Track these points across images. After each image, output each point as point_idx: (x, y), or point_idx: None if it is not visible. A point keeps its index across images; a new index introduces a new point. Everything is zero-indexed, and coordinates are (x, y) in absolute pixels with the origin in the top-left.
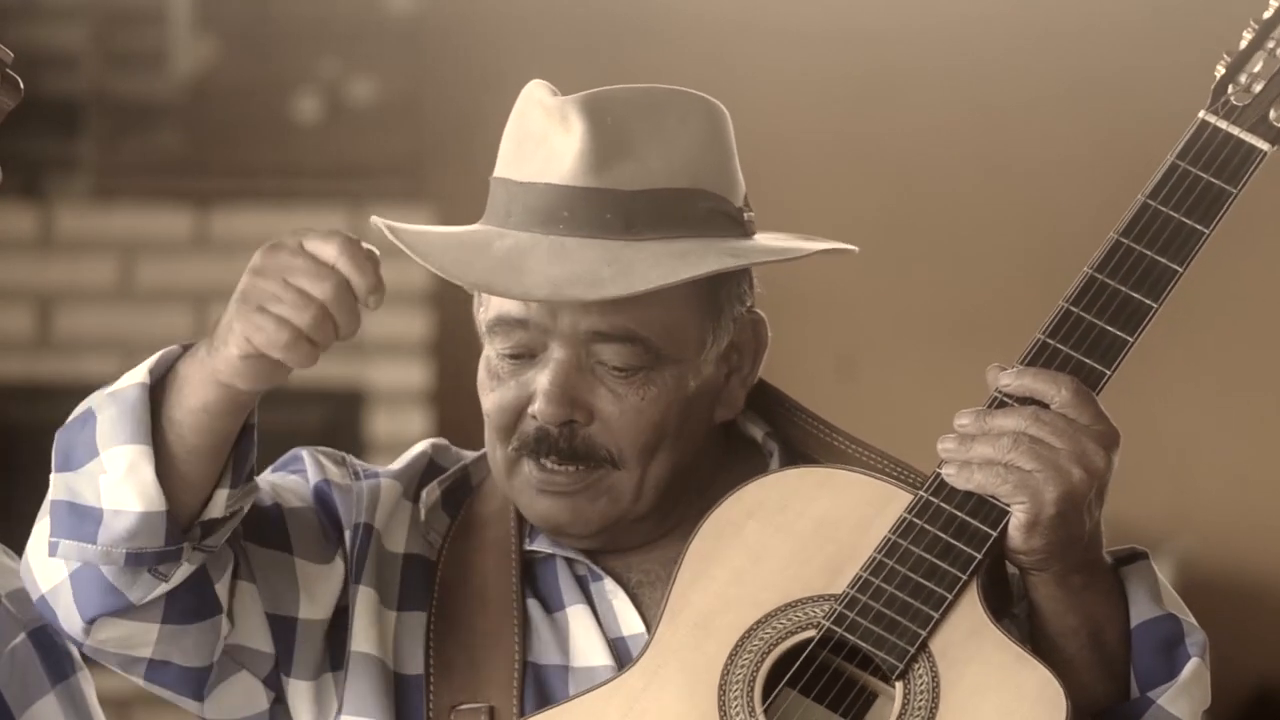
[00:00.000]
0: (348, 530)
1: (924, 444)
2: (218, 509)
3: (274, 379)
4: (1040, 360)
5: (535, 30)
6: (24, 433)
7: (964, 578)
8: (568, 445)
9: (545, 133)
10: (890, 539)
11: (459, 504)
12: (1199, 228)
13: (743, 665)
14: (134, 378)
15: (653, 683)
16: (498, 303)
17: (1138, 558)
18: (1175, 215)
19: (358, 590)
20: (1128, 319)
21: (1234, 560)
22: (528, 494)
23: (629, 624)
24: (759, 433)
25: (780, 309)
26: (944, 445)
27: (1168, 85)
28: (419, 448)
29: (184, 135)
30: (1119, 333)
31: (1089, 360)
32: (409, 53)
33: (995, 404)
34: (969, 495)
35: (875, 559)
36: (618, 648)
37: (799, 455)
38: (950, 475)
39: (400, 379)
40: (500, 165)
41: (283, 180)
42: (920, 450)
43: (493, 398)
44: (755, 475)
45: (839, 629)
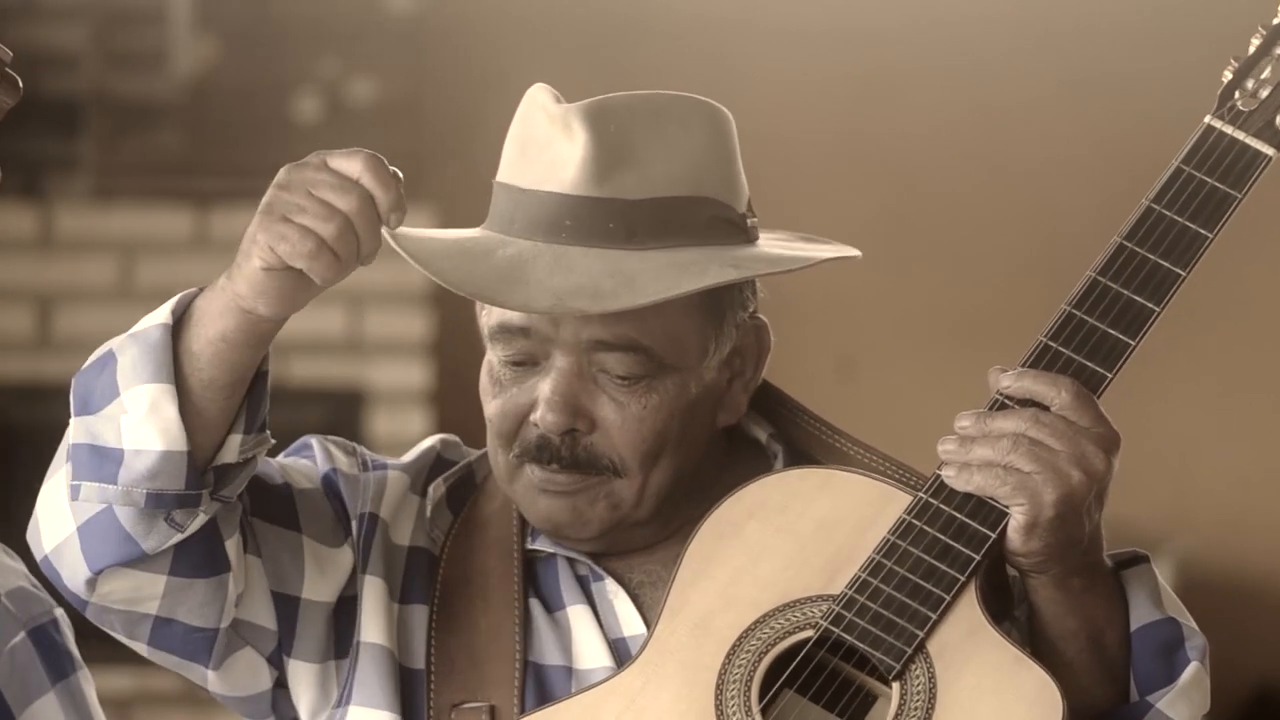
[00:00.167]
0: (354, 520)
1: (924, 444)
2: (231, 453)
3: (295, 300)
4: (1042, 363)
5: (535, 30)
6: (24, 433)
7: (962, 579)
8: (569, 453)
9: (549, 139)
10: (889, 540)
11: (463, 501)
12: (1203, 232)
13: (740, 665)
14: (155, 319)
15: (650, 682)
16: (500, 310)
17: (1138, 561)
18: (1179, 219)
19: (365, 580)
20: (1130, 322)
21: (1234, 560)
22: (529, 495)
23: (630, 624)
24: (763, 434)
25: (780, 309)
26: (944, 447)
27: (1168, 85)
28: (428, 442)
29: (184, 135)
30: (1121, 336)
31: (1090, 363)
32: (409, 53)
33: (996, 406)
34: (968, 497)
35: (874, 560)
36: (618, 648)
37: (802, 456)
38: (950, 477)
39: (400, 379)
40: (503, 169)
41: None
42: (920, 451)
43: (495, 404)
44: (757, 476)
45: (836, 629)
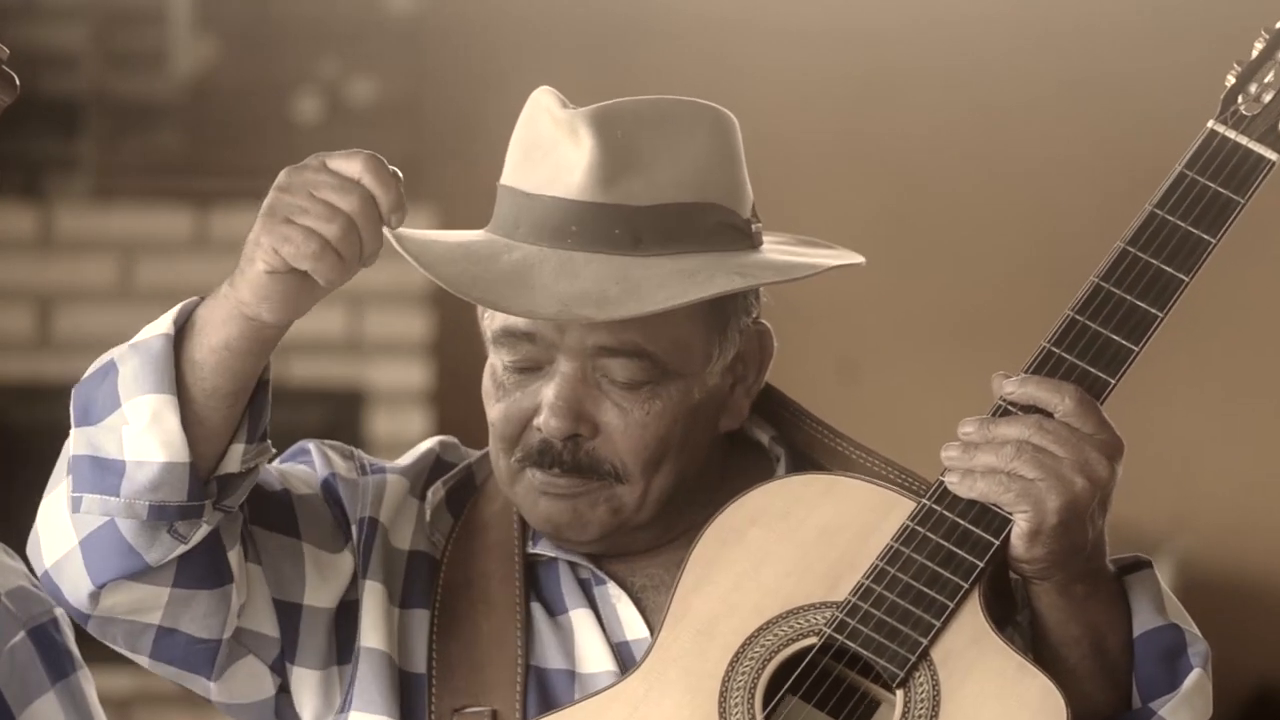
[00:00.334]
0: (354, 524)
1: (926, 446)
2: (234, 463)
3: (299, 304)
4: (1045, 369)
5: (535, 30)
6: (24, 433)
7: (966, 586)
8: (571, 458)
9: (554, 143)
10: (893, 546)
11: (462, 504)
12: (1206, 237)
13: (744, 672)
14: (157, 329)
15: (654, 689)
16: (504, 315)
17: (1141, 566)
18: (1182, 225)
19: (365, 584)
20: (1133, 328)
21: (1234, 561)
22: (530, 498)
23: (632, 628)
24: (765, 437)
25: (782, 312)
26: (947, 453)
27: (1168, 86)
28: (427, 444)
29: (184, 135)
30: (1124, 342)
31: (1094, 369)
32: (409, 53)
33: (999, 412)
34: (972, 503)
35: (877, 566)
36: (621, 652)
37: (805, 459)
38: (953, 483)
39: (400, 379)
40: (507, 172)
41: None
42: (922, 453)
43: (498, 408)
44: (760, 481)
45: (840, 636)
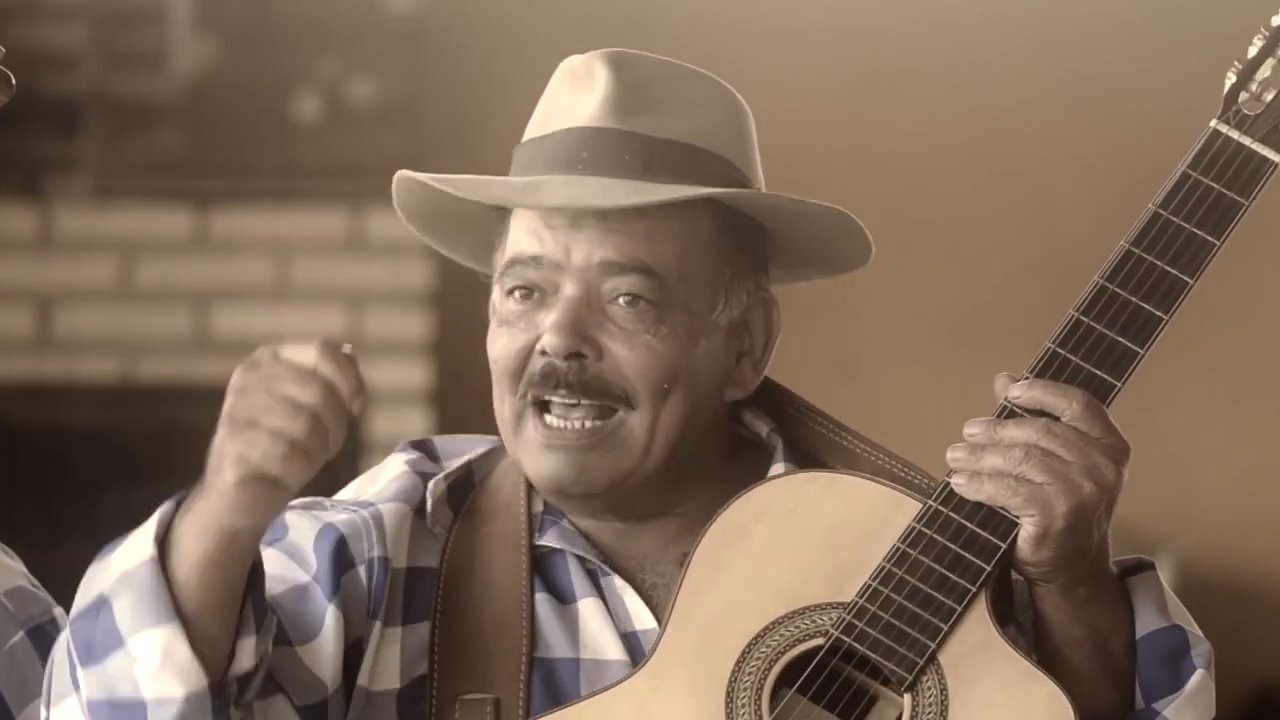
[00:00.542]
0: (361, 565)
1: (926, 445)
2: (247, 658)
3: (271, 508)
4: (1050, 370)
5: (535, 30)
6: (24, 433)
7: (973, 589)
8: (577, 379)
9: (571, 91)
10: (899, 548)
11: (461, 500)
12: (1210, 239)
13: (750, 672)
14: (139, 552)
15: (660, 687)
16: (513, 243)
17: (1144, 568)
18: (1186, 226)
19: (375, 626)
20: (1138, 330)
21: (1234, 560)
22: (534, 452)
23: (641, 619)
24: (764, 429)
25: (782, 310)
26: (953, 455)
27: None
28: (395, 469)
29: (184, 135)
30: (1129, 344)
31: (1099, 372)
32: (409, 53)
33: (1005, 414)
34: (978, 506)
35: (884, 568)
36: (630, 641)
37: (804, 453)
38: (960, 485)
39: (400, 379)
40: (524, 137)
41: (283, 180)
42: (922, 452)
43: (500, 343)
44: (763, 478)
45: (848, 638)
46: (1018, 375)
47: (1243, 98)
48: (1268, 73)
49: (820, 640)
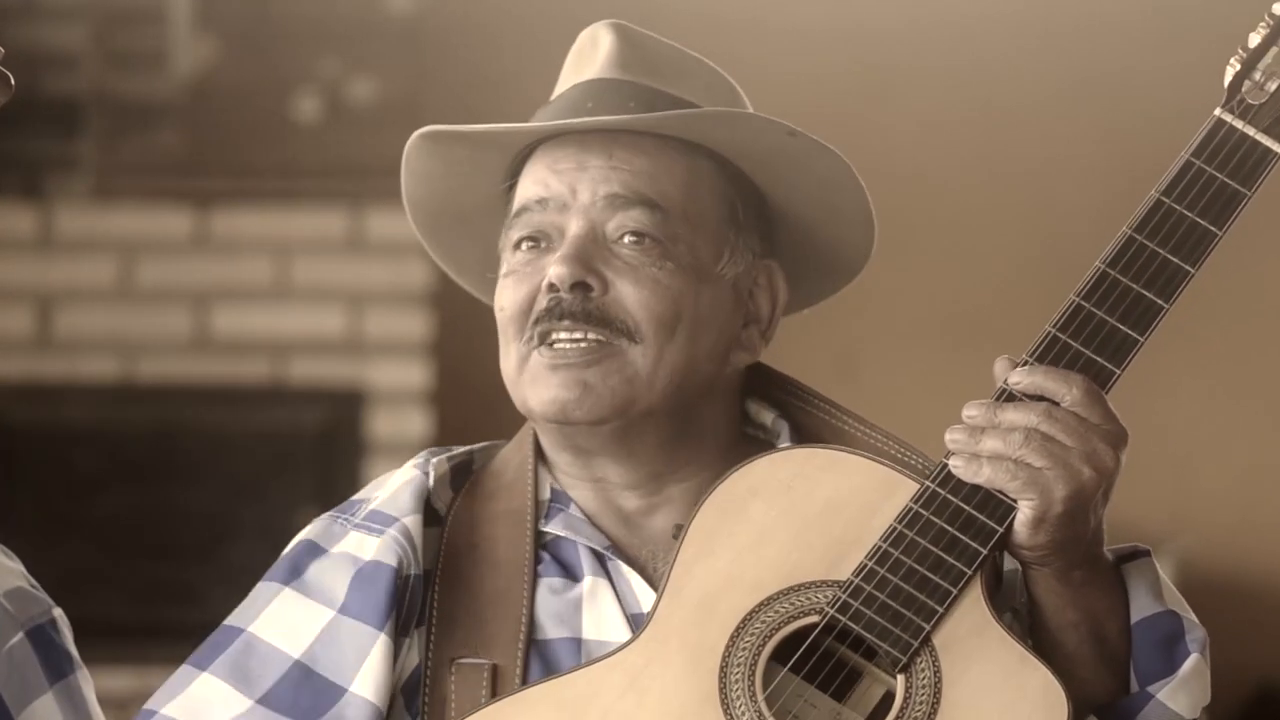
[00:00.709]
0: (408, 591)
1: (924, 442)
2: None
3: None
4: (1050, 354)
5: (535, 30)
6: (24, 433)
7: (969, 572)
8: (581, 309)
9: (576, 63)
10: (895, 528)
11: (463, 481)
12: (1212, 229)
13: (744, 648)
14: None
15: (654, 660)
16: (521, 192)
17: (1139, 555)
18: (1189, 215)
19: (414, 635)
20: (1139, 318)
21: (1234, 560)
22: (538, 378)
23: (648, 601)
24: (769, 417)
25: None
26: (952, 436)
27: (1169, 85)
28: (405, 474)
29: (184, 135)
30: (1130, 331)
31: (1099, 358)
32: (409, 53)
33: (1004, 397)
34: (976, 488)
35: (880, 548)
36: (636, 623)
37: (808, 438)
38: (958, 468)
39: (400, 379)
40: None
41: (283, 180)
42: (921, 449)
43: (507, 292)
44: (762, 452)
45: (843, 617)
46: (1017, 359)
47: (1245, 87)
48: (1270, 61)
49: (815, 618)
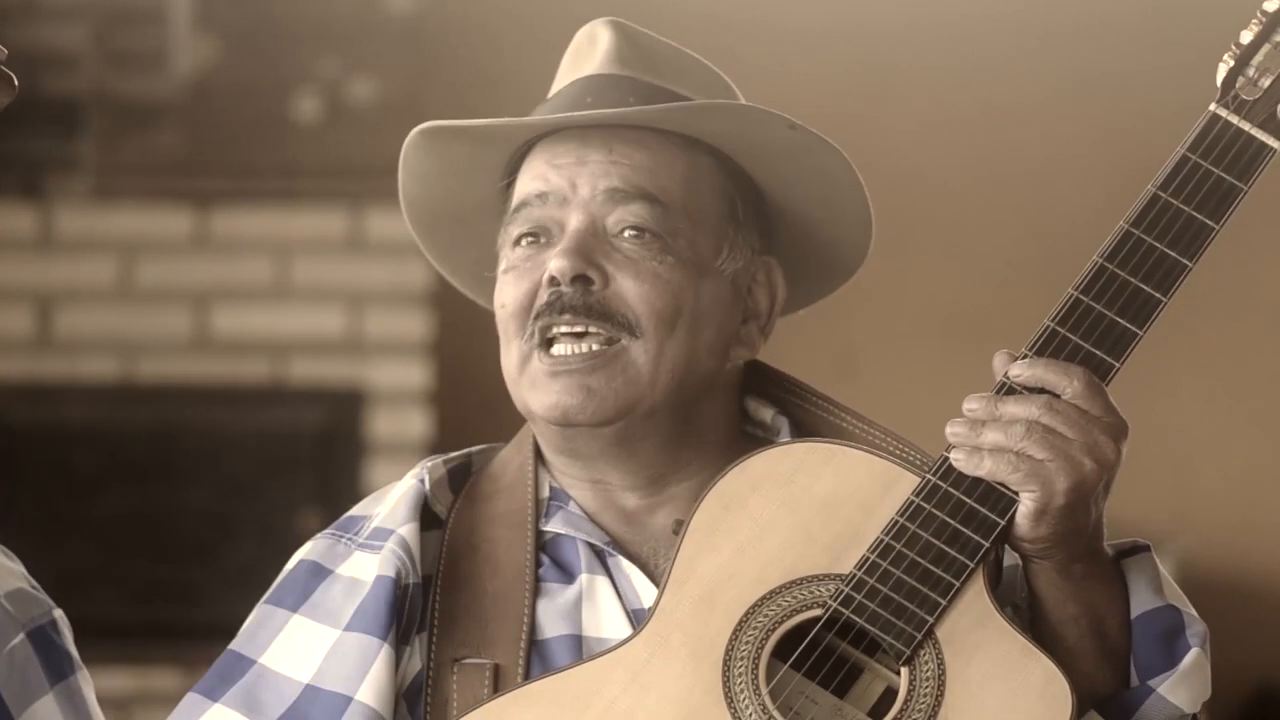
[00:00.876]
0: (407, 601)
1: (923, 441)
2: None
3: None
4: (1050, 348)
5: (535, 30)
6: (24, 433)
7: (972, 565)
8: (582, 303)
9: (574, 61)
10: (898, 522)
11: (462, 484)
12: (1209, 223)
13: (747, 641)
14: None
15: (656, 655)
16: (520, 188)
17: (1139, 549)
18: (1185, 209)
19: (415, 641)
20: (1137, 311)
21: (1234, 560)
22: (540, 383)
23: (649, 597)
24: (768, 414)
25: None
26: (953, 429)
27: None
28: (404, 485)
29: (184, 135)
30: (1128, 325)
31: (1098, 351)
32: (409, 53)
33: (1005, 390)
34: (977, 481)
35: (882, 541)
36: (637, 618)
37: (807, 434)
38: (959, 460)
39: (400, 379)
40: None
41: (283, 180)
42: (920, 448)
43: (508, 289)
44: (762, 447)
45: (846, 610)
46: (1016, 352)
47: (1239, 82)
48: (1263, 58)
49: (818, 611)
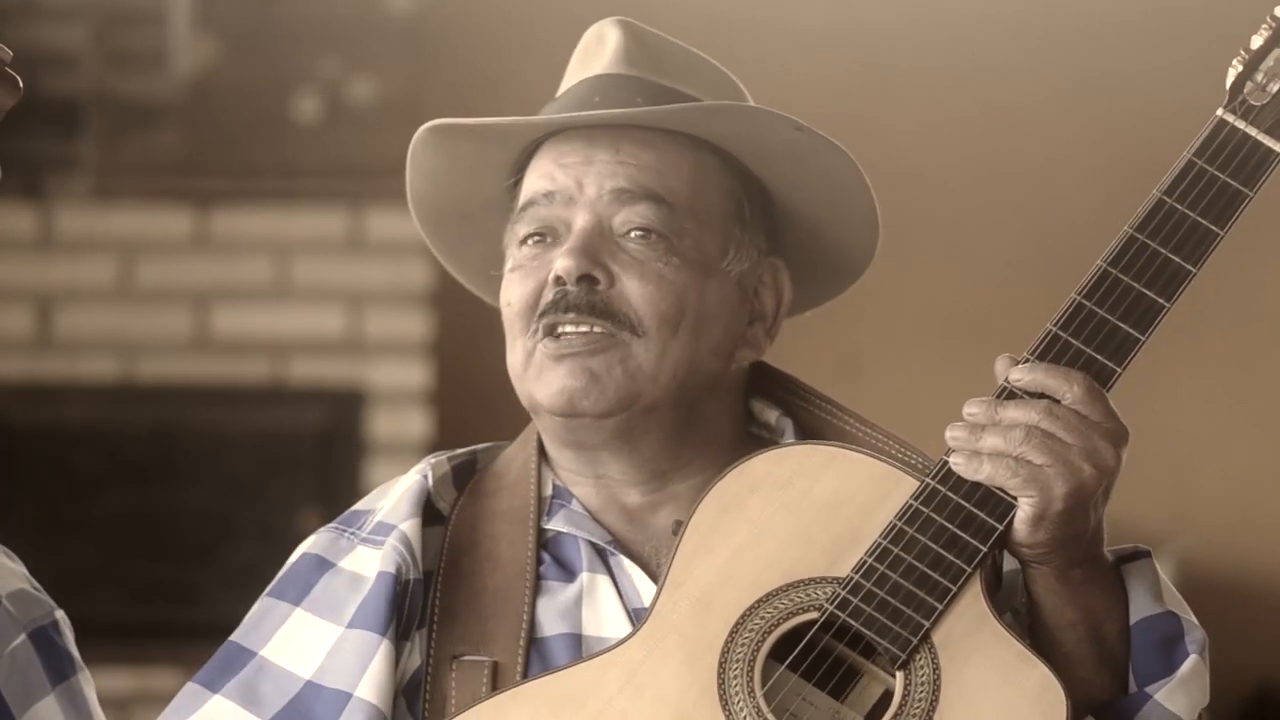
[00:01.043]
0: (408, 596)
1: (925, 444)
2: None
3: None
4: (1051, 352)
5: (535, 30)
6: (24, 433)
7: (969, 570)
8: (586, 302)
9: (582, 61)
10: (896, 525)
11: (466, 481)
12: (1214, 229)
13: (743, 644)
14: None
15: (652, 655)
16: (527, 186)
17: (1140, 555)
18: (1190, 214)
19: (415, 637)
20: (1140, 317)
21: (1234, 560)
22: (545, 370)
23: (650, 596)
24: (773, 415)
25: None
26: (952, 433)
27: (1168, 85)
28: (408, 480)
29: (184, 135)
30: (1131, 330)
31: (1100, 356)
32: (409, 53)
33: (1004, 395)
34: (976, 486)
35: (880, 545)
36: (638, 617)
37: (811, 436)
38: (958, 465)
39: (400, 379)
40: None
41: (283, 180)
42: (923, 449)
43: (514, 288)
44: (762, 449)
45: (842, 614)
46: (1018, 357)
47: (1248, 88)
48: (1272, 63)
49: (814, 614)
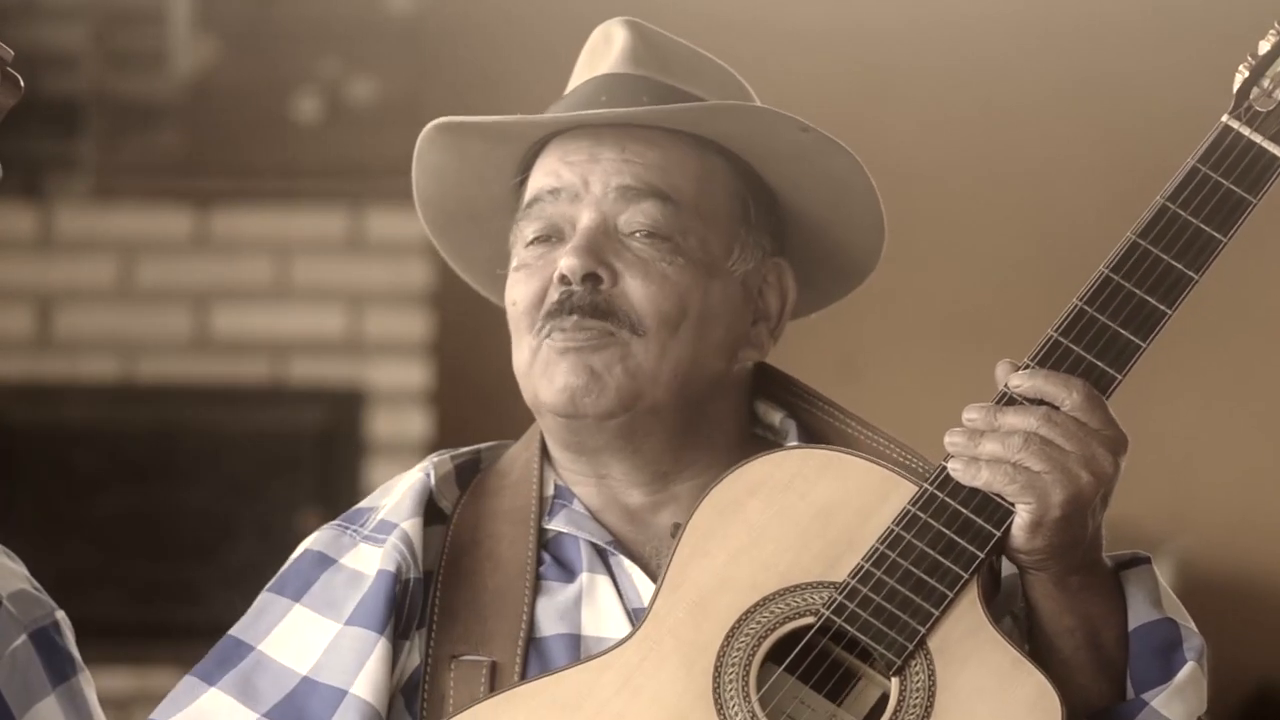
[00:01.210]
0: (408, 596)
1: (925, 445)
2: None
3: None
4: (1051, 358)
5: (535, 30)
6: (24, 433)
7: (966, 576)
8: (589, 302)
9: (590, 60)
10: (893, 531)
11: (469, 480)
12: (1217, 235)
13: (739, 647)
14: None
15: (648, 658)
16: (533, 184)
17: (1139, 561)
18: (1193, 221)
19: (414, 636)
20: (1141, 324)
21: (1234, 560)
22: (548, 368)
23: (650, 596)
24: (776, 417)
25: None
26: (951, 439)
27: (1168, 85)
28: (410, 478)
29: (184, 135)
30: (1131, 337)
31: (1100, 363)
32: (409, 53)
33: (1003, 400)
34: (974, 492)
35: (877, 550)
36: (637, 618)
37: (814, 438)
38: (956, 470)
39: (400, 379)
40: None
41: (283, 180)
42: (924, 451)
43: (519, 287)
44: (761, 452)
45: (838, 619)
46: (1019, 362)
47: (1254, 94)
48: (1279, 69)
49: (810, 619)
